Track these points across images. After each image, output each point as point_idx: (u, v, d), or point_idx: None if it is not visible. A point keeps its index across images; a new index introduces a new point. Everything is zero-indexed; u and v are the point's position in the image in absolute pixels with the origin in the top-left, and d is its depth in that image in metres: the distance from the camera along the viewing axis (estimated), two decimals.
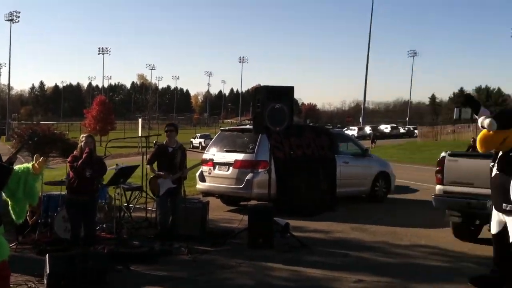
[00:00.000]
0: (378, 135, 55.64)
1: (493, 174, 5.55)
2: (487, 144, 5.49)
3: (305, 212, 10.77)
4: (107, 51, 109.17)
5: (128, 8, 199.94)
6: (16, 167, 5.31)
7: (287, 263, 7.21)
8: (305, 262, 7.26)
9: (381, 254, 7.85)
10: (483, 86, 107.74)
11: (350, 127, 69.95)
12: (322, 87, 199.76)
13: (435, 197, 8.41)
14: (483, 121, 5.45)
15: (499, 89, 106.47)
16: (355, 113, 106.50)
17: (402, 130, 72.26)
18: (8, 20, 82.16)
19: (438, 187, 8.44)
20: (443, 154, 8.42)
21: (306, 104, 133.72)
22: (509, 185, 5.21)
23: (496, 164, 5.53)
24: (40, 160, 5.27)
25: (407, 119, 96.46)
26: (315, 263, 7.25)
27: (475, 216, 8.11)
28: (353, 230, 9.55)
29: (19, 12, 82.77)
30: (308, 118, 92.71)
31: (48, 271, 5.86)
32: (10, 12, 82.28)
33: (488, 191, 7.61)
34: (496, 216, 5.45)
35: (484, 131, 5.52)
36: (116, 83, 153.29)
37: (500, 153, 5.62)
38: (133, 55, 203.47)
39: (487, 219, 7.88)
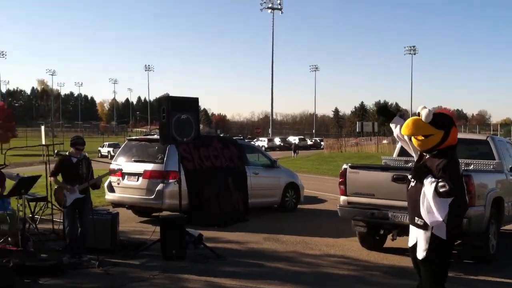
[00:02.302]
0: (299, 146, 57.63)
1: (409, 186, 5.61)
2: (416, 128, 5.44)
3: (218, 223, 10.83)
4: (2, 54, 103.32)
5: (24, 9, 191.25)
6: None
7: (202, 274, 7.21)
8: (220, 273, 7.30)
9: (294, 264, 8.05)
10: (381, 101, 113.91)
11: (260, 138, 71.12)
12: (231, 98, 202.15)
13: (340, 208, 8.76)
14: (422, 110, 5.45)
15: (396, 103, 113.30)
16: (264, 124, 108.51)
17: (309, 142, 74.51)
18: None
19: (342, 198, 8.76)
20: (344, 166, 8.76)
21: (216, 114, 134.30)
22: (419, 197, 5.34)
23: (412, 173, 5.60)
24: None
25: (313, 131, 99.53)
26: (230, 273, 7.31)
27: (379, 226, 8.53)
28: (266, 240, 9.72)
29: None
30: (218, 129, 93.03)
31: None
32: None
33: (388, 202, 8.09)
34: (413, 228, 5.61)
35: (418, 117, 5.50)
36: (15, 88, 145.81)
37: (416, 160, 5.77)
38: (32, 59, 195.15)
39: (390, 229, 8.39)
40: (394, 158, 9.79)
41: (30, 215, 9.57)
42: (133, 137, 14.14)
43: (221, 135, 39.05)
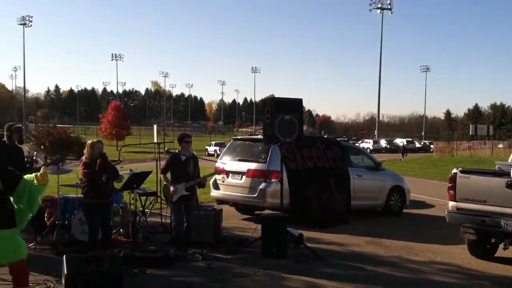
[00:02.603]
0: (407, 149, 56.10)
1: None
2: None
3: (319, 224, 10.77)
4: (120, 57, 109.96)
5: (140, 15, 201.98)
6: (25, 176, 5.47)
7: (302, 273, 7.21)
8: (320, 274, 7.26)
9: (396, 269, 7.81)
10: (498, 103, 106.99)
11: (365, 140, 69.72)
12: (337, 99, 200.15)
13: (449, 213, 8.37)
14: None
15: None
16: (370, 126, 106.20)
17: (417, 145, 71.82)
18: (21, 24, 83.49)
19: (451, 203, 8.38)
20: (454, 170, 8.38)
21: (321, 115, 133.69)
22: None
23: None
24: (42, 171, 5.43)
25: (422, 133, 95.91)
26: (330, 275, 7.24)
27: (490, 234, 8.05)
28: (368, 243, 9.52)
29: (32, 17, 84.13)
30: (322, 130, 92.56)
31: (65, 272, 5.92)
32: (23, 16, 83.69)
33: (501, 209, 7.59)
34: None
35: None
36: (131, 89, 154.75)
37: None
38: (146, 62, 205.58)
39: (503, 238, 7.87)
40: (510, 163, 9.19)
41: (141, 209, 10.09)
42: (238, 137, 14.46)
43: (325, 136, 38.76)
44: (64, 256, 6.15)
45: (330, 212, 11.45)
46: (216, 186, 11.97)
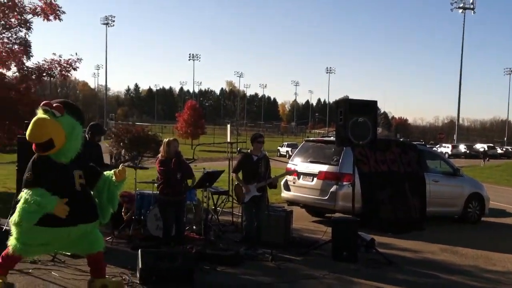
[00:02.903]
0: (488, 154, 54.06)
1: None
2: None
3: (392, 229, 10.53)
4: (197, 57, 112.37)
5: (218, 16, 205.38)
6: (105, 172, 5.72)
7: (372, 278, 7.07)
8: (391, 280, 7.10)
9: (472, 278, 7.50)
10: None
11: (443, 144, 67.33)
12: (414, 101, 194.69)
13: None
14: None
15: None
16: (449, 130, 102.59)
17: (499, 150, 68.53)
18: (104, 24, 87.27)
19: None
20: None
21: (397, 118, 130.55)
22: None
23: None
24: (121, 168, 5.64)
25: (505, 139, 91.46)
26: (402, 281, 7.07)
27: None
28: (442, 251, 9.21)
29: (114, 17, 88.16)
30: (398, 132, 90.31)
31: (140, 266, 6.15)
32: (106, 16, 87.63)
33: None
34: None
35: None
36: (206, 88, 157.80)
37: None
38: (222, 62, 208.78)
39: None
40: None
41: (213, 207, 10.28)
42: (310, 138, 14.41)
43: (401, 139, 37.84)
44: (139, 250, 6.39)
45: (403, 218, 11.17)
46: (287, 187, 11.99)
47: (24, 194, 5.11)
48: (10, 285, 5.53)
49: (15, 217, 5.11)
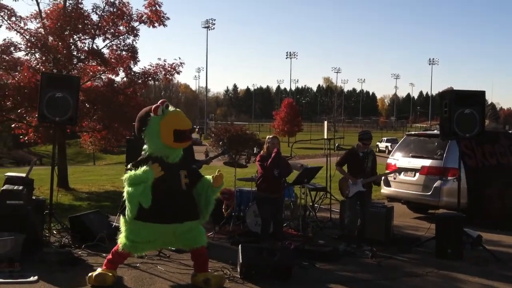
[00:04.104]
0: None
1: None
2: None
3: (502, 225, 9.97)
4: (294, 55, 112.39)
5: (314, 14, 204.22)
6: (205, 177, 5.94)
7: (478, 275, 6.76)
8: (499, 277, 6.74)
9: None
10: None
11: None
12: None
13: None
14: None
15: None
16: None
17: None
18: (205, 27, 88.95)
19: None
20: None
21: (506, 109, 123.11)
22: None
23: None
24: (218, 174, 5.83)
25: None
26: (510, 278, 6.68)
27: None
28: None
29: (215, 20, 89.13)
30: (507, 124, 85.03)
31: (241, 261, 6.31)
32: (207, 19, 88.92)
33: None
34: None
35: None
36: (303, 86, 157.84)
37: None
38: (319, 58, 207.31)
39: None
40: None
41: (311, 203, 10.28)
42: (412, 132, 14.00)
43: (510, 131, 35.60)
44: (240, 245, 6.56)
45: None
46: (387, 183, 11.72)
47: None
48: (119, 279, 5.91)
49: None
